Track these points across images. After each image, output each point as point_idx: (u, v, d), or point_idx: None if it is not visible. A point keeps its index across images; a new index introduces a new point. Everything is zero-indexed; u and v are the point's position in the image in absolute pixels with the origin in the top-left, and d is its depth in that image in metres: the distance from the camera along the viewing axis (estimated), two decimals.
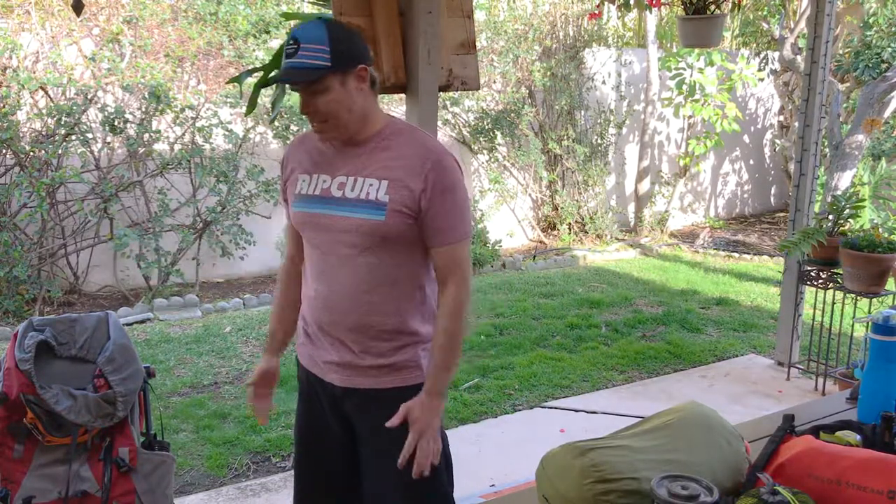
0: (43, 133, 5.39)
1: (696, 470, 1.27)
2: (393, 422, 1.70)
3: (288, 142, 6.34)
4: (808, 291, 4.47)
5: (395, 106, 6.95)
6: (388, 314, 1.75)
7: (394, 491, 1.75)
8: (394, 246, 1.72)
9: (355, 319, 1.75)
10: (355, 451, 1.84)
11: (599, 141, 7.97)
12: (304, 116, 1.73)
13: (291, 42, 1.65)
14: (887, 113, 6.74)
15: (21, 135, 5.32)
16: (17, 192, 5.15)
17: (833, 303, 4.06)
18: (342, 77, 1.67)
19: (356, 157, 1.75)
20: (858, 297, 4.01)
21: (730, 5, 4.67)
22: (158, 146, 5.75)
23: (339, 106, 1.68)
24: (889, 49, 7.20)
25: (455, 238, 1.75)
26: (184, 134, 5.91)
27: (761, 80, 8.61)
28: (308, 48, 1.64)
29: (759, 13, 8.90)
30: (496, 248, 7.11)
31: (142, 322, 5.30)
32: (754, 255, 7.62)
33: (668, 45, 9.46)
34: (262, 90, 2.62)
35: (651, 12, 7.52)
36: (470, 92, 6.86)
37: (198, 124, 5.87)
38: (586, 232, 7.97)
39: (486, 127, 7.35)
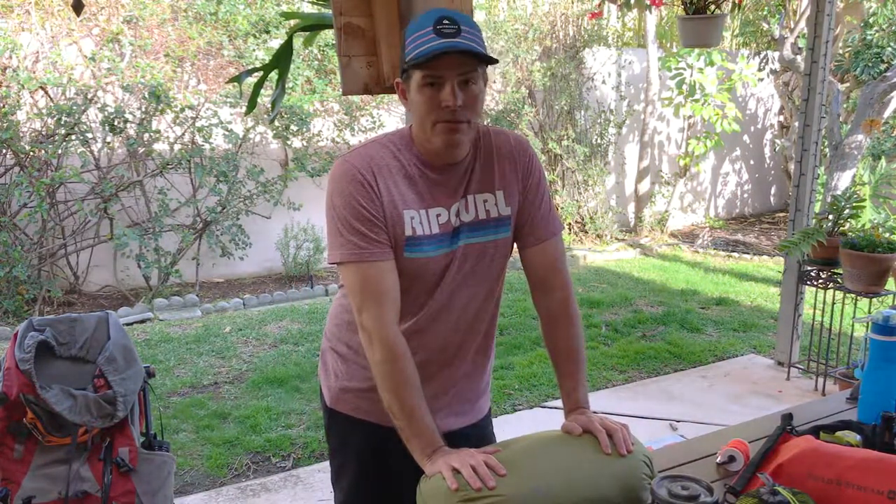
0: (43, 133, 5.39)
1: (577, 485, 1.27)
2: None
3: (289, 142, 6.37)
4: (808, 291, 4.47)
5: (394, 106, 6.96)
6: (493, 335, 1.66)
7: None
8: (505, 261, 1.58)
9: (475, 350, 1.61)
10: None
11: (599, 141, 7.97)
12: (447, 107, 1.37)
13: (446, 21, 1.35)
14: (887, 113, 6.74)
15: (21, 135, 5.32)
16: (17, 192, 5.15)
17: (833, 303, 4.06)
18: (484, 75, 1.42)
19: (454, 178, 1.48)
20: (858, 297, 4.01)
21: (730, 5, 4.67)
22: (158, 146, 5.75)
23: (479, 105, 1.41)
24: (889, 49, 7.20)
25: (558, 227, 1.58)
26: (184, 134, 5.91)
27: (761, 80, 8.60)
28: (469, 32, 1.37)
29: (759, 13, 8.89)
30: None
31: (142, 322, 5.31)
32: (754, 255, 7.61)
33: (668, 45, 9.46)
34: (261, 91, 2.61)
35: (651, 12, 7.52)
36: None
37: (198, 124, 5.87)
38: (586, 232, 7.97)
39: None
